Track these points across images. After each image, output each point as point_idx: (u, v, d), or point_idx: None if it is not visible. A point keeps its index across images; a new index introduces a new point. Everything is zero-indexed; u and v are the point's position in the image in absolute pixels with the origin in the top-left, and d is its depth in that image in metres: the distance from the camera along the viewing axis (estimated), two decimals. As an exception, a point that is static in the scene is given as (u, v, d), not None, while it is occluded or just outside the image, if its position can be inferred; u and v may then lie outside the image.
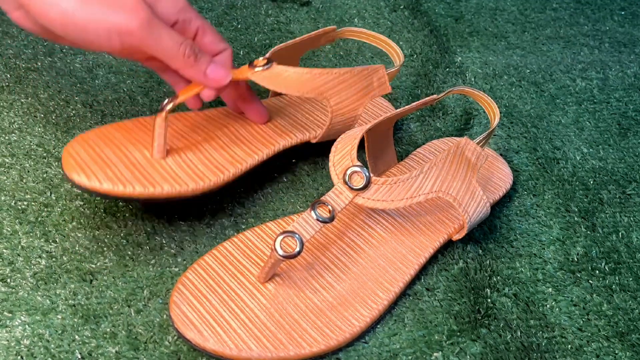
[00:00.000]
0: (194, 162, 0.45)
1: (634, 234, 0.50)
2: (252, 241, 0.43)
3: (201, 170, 0.45)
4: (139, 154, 0.44)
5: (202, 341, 0.37)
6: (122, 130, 0.47)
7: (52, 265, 0.43)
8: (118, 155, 0.44)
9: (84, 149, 0.44)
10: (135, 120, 0.48)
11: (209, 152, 0.47)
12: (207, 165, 0.45)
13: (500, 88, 0.65)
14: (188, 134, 0.48)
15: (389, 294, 0.41)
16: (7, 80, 0.58)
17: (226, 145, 0.48)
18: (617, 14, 0.80)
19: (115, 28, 0.37)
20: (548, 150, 0.57)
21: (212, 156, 0.46)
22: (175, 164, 0.44)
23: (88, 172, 0.42)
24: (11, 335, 0.38)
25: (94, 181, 0.41)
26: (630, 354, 0.41)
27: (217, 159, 0.46)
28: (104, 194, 0.41)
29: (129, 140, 0.46)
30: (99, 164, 0.43)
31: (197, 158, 0.46)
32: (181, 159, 0.45)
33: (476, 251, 0.47)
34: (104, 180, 0.41)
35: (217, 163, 0.46)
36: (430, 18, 0.75)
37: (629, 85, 0.67)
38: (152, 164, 0.44)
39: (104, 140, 0.45)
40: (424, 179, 0.41)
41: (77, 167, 0.42)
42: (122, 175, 0.42)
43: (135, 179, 0.42)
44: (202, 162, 0.45)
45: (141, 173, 0.43)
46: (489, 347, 0.40)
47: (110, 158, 0.43)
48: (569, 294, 0.45)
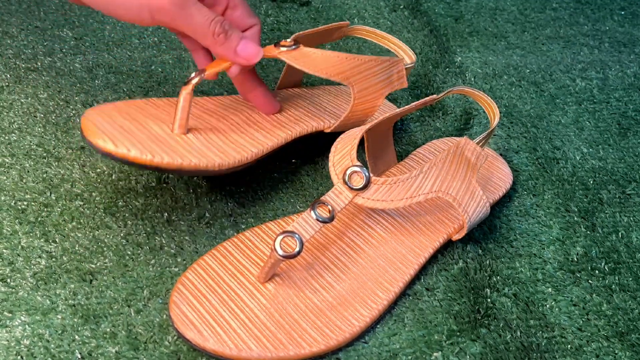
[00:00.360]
0: (215, 141, 0.44)
1: (633, 233, 0.50)
2: (251, 241, 0.43)
3: (224, 149, 0.43)
4: (159, 128, 0.42)
5: (202, 341, 0.37)
6: (136, 106, 0.45)
7: (52, 265, 0.43)
8: (139, 128, 0.42)
9: (103, 118, 0.41)
10: (147, 100, 0.47)
11: (228, 133, 0.46)
12: (229, 144, 0.44)
13: (500, 88, 0.65)
14: (205, 118, 0.47)
15: (389, 294, 0.41)
16: (6, 80, 0.58)
17: (244, 129, 0.47)
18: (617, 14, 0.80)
19: (147, 3, 0.36)
20: (548, 150, 0.57)
21: (232, 137, 0.46)
22: (198, 141, 0.43)
23: (115, 139, 0.39)
24: (11, 335, 0.39)
25: (122, 148, 0.38)
26: (630, 354, 0.41)
27: (238, 140, 0.45)
28: (132, 161, 0.39)
29: (146, 116, 0.44)
30: (123, 133, 0.40)
31: (218, 138, 0.45)
32: (203, 137, 0.44)
33: (476, 251, 0.47)
34: (132, 147, 0.39)
35: (238, 143, 0.45)
36: (430, 18, 0.75)
37: (628, 85, 0.67)
38: (174, 138, 0.42)
39: (122, 113, 0.43)
40: (423, 179, 0.41)
41: (102, 134, 0.39)
42: (148, 145, 0.40)
43: (161, 150, 0.40)
44: (223, 141, 0.44)
45: (166, 145, 0.41)
46: (489, 347, 0.40)
47: (132, 130, 0.41)
48: (568, 293, 0.45)
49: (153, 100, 0.48)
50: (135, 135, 0.41)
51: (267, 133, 0.48)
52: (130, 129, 0.42)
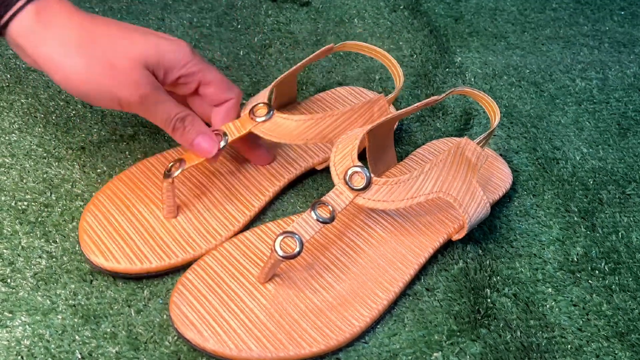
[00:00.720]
0: (205, 217, 0.45)
1: (633, 234, 0.50)
2: (252, 242, 0.43)
3: (213, 227, 0.45)
4: (151, 216, 0.45)
5: (202, 341, 0.37)
6: (132, 184, 0.47)
7: (52, 265, 0.43)
8: (131, 222, 0.44)
9: (97, 220, 0.44)
10: (143, 166, 0.48)
11: (219, 202, 0.47)
12: (218, 218, 0.46)
13: (499, 88, 0.65)
14: (197, 185, 0.48)
15: (389, 294, 0.41)
16: (7, 80, 0.58)
17: (235, 190, 0.48)
18: (616, 14, 0.80)
19: (117, 98, 0.40)
20: (548, 151, 0.57)
21: (222, 206, 0.46)
22: (187, 222, 0.45)
23: (105, 251, 0.42)
24: (11, 336, 0.39)
25: (112, 261, 0.42)
26: (630, 354, 0.41)
27: (228, 209, 0.46)
28: (123, 273, 0.42)
29: (140, 199, 0.46)
30: (113, 237, 0.43)
31: (208, 212, 0.46)
32: (192, 215, 0.45)
33: (476, 251, 0.47)
34: (121, 259, 0.42)
35: (227, 214, 0.46)
36: (430, 18, 0.75)
37: (628, 85, 0.67)
38: (165, 227, 0.44)
39: (115, 203, 0.45)
40: (424, 180, 0.41)
41: (94, 247, 0.42)
42: (138, 250, 0.43)
43: (151, 251, 0.43)
44: (213, 215, 0.46)
45: (156, 242, 0.43)
46: (489, 347, 0.41)
47: (123, 227, 0.44)
48: (568, 294, 0.45)
49: (148, 163, 0.48)
50: (125, 237, 0.43)
51: (258, 191, 0.48)
52: (123, 227, 0.44)
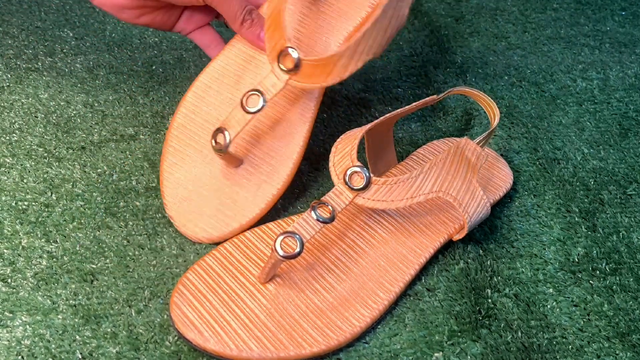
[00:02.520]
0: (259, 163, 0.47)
1: (634, 234, 0.50)
2: (252, 242, 0.43)
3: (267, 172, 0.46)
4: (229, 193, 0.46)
5: (203, 342, 0.37)
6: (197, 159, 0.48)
7: (53, 265, 0.43)
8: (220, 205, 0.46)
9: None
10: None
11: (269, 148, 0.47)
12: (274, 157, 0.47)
13: (500, 88, 0.65)
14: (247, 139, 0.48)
15: (390, 294, 0.41)
16: (7, 80, 0.58)
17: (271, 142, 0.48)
18: (617, 15, 0.80)
19: None
20: (549, 151, 0.57)
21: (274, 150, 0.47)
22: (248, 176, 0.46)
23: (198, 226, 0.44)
24: (12, 336, 0.39)
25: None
26: (631, 355, 0.41)
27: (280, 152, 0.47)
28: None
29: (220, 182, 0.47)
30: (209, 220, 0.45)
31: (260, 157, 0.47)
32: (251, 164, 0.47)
33: (477, 251, 0.47)
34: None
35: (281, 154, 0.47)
36: (430, 18, 0.75)
37: (629, 85, 0.67)
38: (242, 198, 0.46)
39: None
40: (424, 179, 0.41)
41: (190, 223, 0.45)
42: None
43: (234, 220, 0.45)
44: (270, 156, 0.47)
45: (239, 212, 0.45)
46: (490, 347, 0.40)
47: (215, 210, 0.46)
48: (569, 294, 0.45)
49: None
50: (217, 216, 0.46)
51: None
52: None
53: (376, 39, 0.43)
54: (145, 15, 0.50)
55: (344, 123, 0.58)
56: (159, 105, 0.58)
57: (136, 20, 0.50)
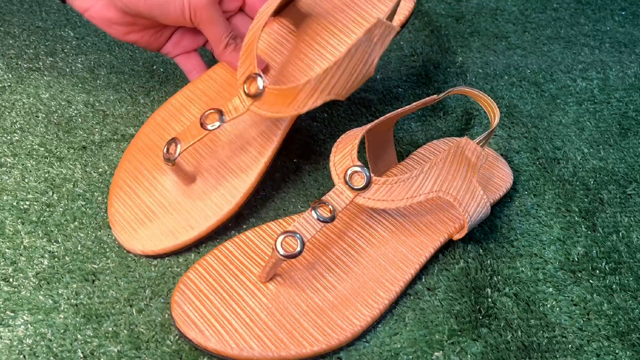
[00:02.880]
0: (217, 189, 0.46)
1: (634, 234, 0.50)
2: (253, 241, 0.44)
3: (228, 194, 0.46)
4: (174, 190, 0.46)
5: (204, 341, 0.38)
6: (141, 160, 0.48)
7: (54, 265, 0.43)
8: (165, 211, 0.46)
9: (130, 210, 0.46)
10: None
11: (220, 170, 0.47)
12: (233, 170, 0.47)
13: (500, 88, 0.65)
14: (206, 150, 0.48)
15: (390, 294, 0.42)
16: (8, 80, 0.58)
17: (232, 153, 0.48)
18: (617, 14, 0.80)
19: (188, 1, 0.46)
20: (549, 151, 0.57)
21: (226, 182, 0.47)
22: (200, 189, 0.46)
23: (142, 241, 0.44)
24: (14, 335, 0.39)
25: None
26: (630, 354, 0.41)
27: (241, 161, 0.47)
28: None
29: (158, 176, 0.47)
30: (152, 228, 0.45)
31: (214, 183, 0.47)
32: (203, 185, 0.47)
33: (477, 251, 0.47)
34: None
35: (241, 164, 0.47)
36: (431, 18, 0.76)
37: (629, 85, 0.67)
38: (192, 205, 0.46)
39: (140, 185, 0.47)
40: (424, 179, 0.41)
41: (132, 236, 0.44)
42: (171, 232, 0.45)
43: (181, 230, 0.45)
44: (222, 186, 0.46)
45: (185, 220, 0.45)
46: (490, 346, 0.41)
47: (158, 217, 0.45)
48: (569, 293, 0.45)
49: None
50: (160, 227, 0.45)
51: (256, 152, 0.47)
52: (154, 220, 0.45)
53: (339, 80, 0.43)
54: (133, 33, 0.50)
55: (345, 123, 0.58)
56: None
57: (124, 36, 0.50)
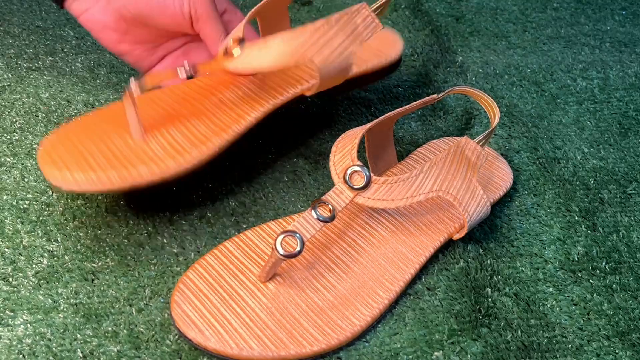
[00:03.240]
0: (175, 139, 0.43)
1: (634, 233, 0.50)
2: (253, 241, 0.44)
3: (182, 146, 0.42)
4: (119, 139, 0.42)
5: (204, 340, 0.37)
6: (102, 117, 0.45)
7: (53, 264, 0.43)
8: (98, 146, 0.41)
9: (63, 144, 0.42)
10: (114, 106, 0.46)
11: (191, 124, 0.44)
12: (190, 138, 0.43)
13: (501, 88, 0.65)
14: (171, 107, 0.46)
15: (390, 293, 0.42)
16: (8, 79, 0.58)
17: (210, 113, 0.45)
18: (618, 14, 0.80)
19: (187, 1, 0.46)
20: (549, 150, 0.57)
21: (195, 128, 0.44)
22: (156, 144, 0.42)
23: (64, 170, 0.39)
24: (13, 334, 0.39)
25: (71, 182, 0.39)
26: (630, 354, 0.41)
27: (200, 130, 0.44)
28: (80, 191, 0.40)
29: (111, 128, 0.43)
30: (77, 158, 0.40)
31: (179, 133, 0.43)
32: (162, 137, 0.42)
33: (477, 251, 0.47)
34: (84, 174, 0.39)
35: (199, 135, 0.43)
36: (431, 18, 0.76)
37: (629, 85, 0.67)
38: (131, 148, 0.41)
39: (85, 131, 0.43)
40: (424, 178, 0.41)
41: (54, 166, 0.40)
42: (98, 166, 0.40)
43: (111, 166, 0.40)
44: (185, 136, 0.43)
45: (119, 160, 0.40)
46: (490, 346, 0.41)
47: (89, 150, 0.41)
48: (569, 293, 0.45)
49: (106, 110, 0.46)
50: (88, 157, 0.41)
51: (235, 115, 0.45)
52: (89, 149, 0.41)
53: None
54: (125, 43, 0.49)
55: (345, 122, 0.58)
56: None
57: (116, 45, 0.49)
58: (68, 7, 0.48)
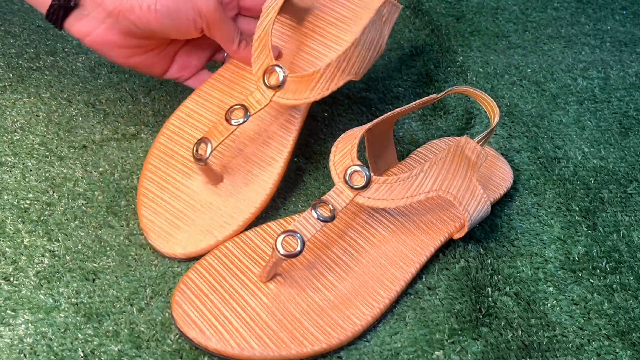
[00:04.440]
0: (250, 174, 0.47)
1: (634, 233, 0.50)
2: (253, 241, 0.44)
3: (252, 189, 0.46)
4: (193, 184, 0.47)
5: (204, 340, 0.38)
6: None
7: (54, 264, 0.43)
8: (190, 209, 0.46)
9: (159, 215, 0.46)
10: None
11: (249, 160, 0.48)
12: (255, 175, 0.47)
13: (501, 87, 0.65)
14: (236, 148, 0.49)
15: (391, 293, 0.42)
16: (9, 79, 0.58)
17: (258, 144, 0.48)
18: (618, 14, 0.80)
19: (197, 8, 0.45)
20: (549, 150, 0.57)
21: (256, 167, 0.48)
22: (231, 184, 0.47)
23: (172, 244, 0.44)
24: (14, 334, 0.39)
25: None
26: (630, 353, 0.41)
27: (260, 159, 0.48)
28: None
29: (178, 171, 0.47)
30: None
31: (241, 174, 0.47)
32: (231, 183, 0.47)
33: (477, 250, 0.47)
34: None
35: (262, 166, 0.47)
36: (431, 17, 0.75)
37: (630, 84, 0.67)
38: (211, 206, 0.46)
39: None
40: (424, 178, 0.41)
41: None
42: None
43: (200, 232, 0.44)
44: (251, 175, 0.47)
45: (202, 225, 0.45)
46: (490, 345, 0.41)
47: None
48: (570, 293, 0.45)
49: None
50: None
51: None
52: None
53: (357, 59, 0.45)
54: (137, 56, 0.48)
55: (345, 122, 0.58)
56: (161, 104, 0.58)
57: (127, 60, 0.48)
58: (68, 28, 0.46)
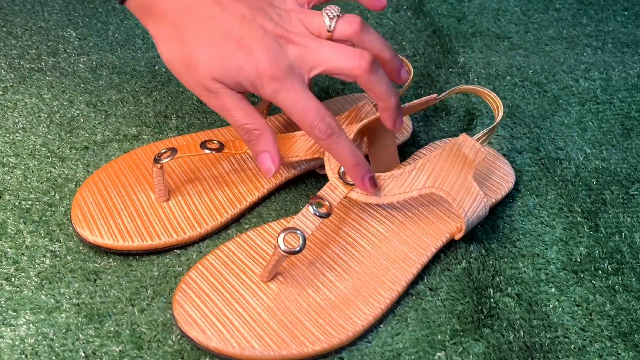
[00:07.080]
0: (195, 204, 0.47)
1: (636, 234, 0.50)
2: (254, 241, 0.44)
3: (201, 214, 0.46)
4: (144, 198, 0.46)
5: (206, 340, 0.38)
6: (135, 165, 0.49)
7: (56, 264, 0.43)
8: (124, 201, 0.46)
9: (92, 195, 0.46)
10: (149, 149, 0.50)
11: (211, 190, 0.48)
12: (208, 206, 0.47)
13: (503, 88, 0.65)
14: (196, 172, 0.49)
15: (392, 293, 0.41)
16: (11, 80, 0.59)
17: (231, 182, 0.49)
18: (620, 15, 0.80)
19: (202, 86, 0.40)
20: (551, 151, 0.57)
21: (214, 195, 0.47)
22: (177, 207, 0.46)
23: (91, 225, 0.44)
24: (16, 334, 0.39)
25: (96, 236, 0.43)
26: (633, 354, 0.41)
27: (219, 199, 0.47)
28: (105, 248, 0.44)
29: (138, 181, 0.48)
30: (104, 213, 0.45)
31: (199, 199, 0.47)
32: (184, 200, 0.47)
33: (479, 251, 0.47)
34: (105, 234, 0.43)
35: (217, 204, 0.47)
36: (433, 18, 0.76)
37: (632, 85, 0.67)
38: (154, 210, 0.46)
39: (114, 182, 0.47)
40: (417, 175, 0.41)
41: (83, 219, 0.44)
42: (123, 227, 0.44)
43: (136, 231, 0.44)
44: (203, 203, 0.47)
45: (143, 222, 0.45)
46: (492, 346, 0.40)
47: (115, 205, 0.46)
48: (571, 294, 0.45)
49: (151, 149, 0.50)
50: (115, 216, 0.45)
51: (253, 186, 0.49)
52: (115, 205, 0.46)
53: None
54: None
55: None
56: (162, 105, 0.58)
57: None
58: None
